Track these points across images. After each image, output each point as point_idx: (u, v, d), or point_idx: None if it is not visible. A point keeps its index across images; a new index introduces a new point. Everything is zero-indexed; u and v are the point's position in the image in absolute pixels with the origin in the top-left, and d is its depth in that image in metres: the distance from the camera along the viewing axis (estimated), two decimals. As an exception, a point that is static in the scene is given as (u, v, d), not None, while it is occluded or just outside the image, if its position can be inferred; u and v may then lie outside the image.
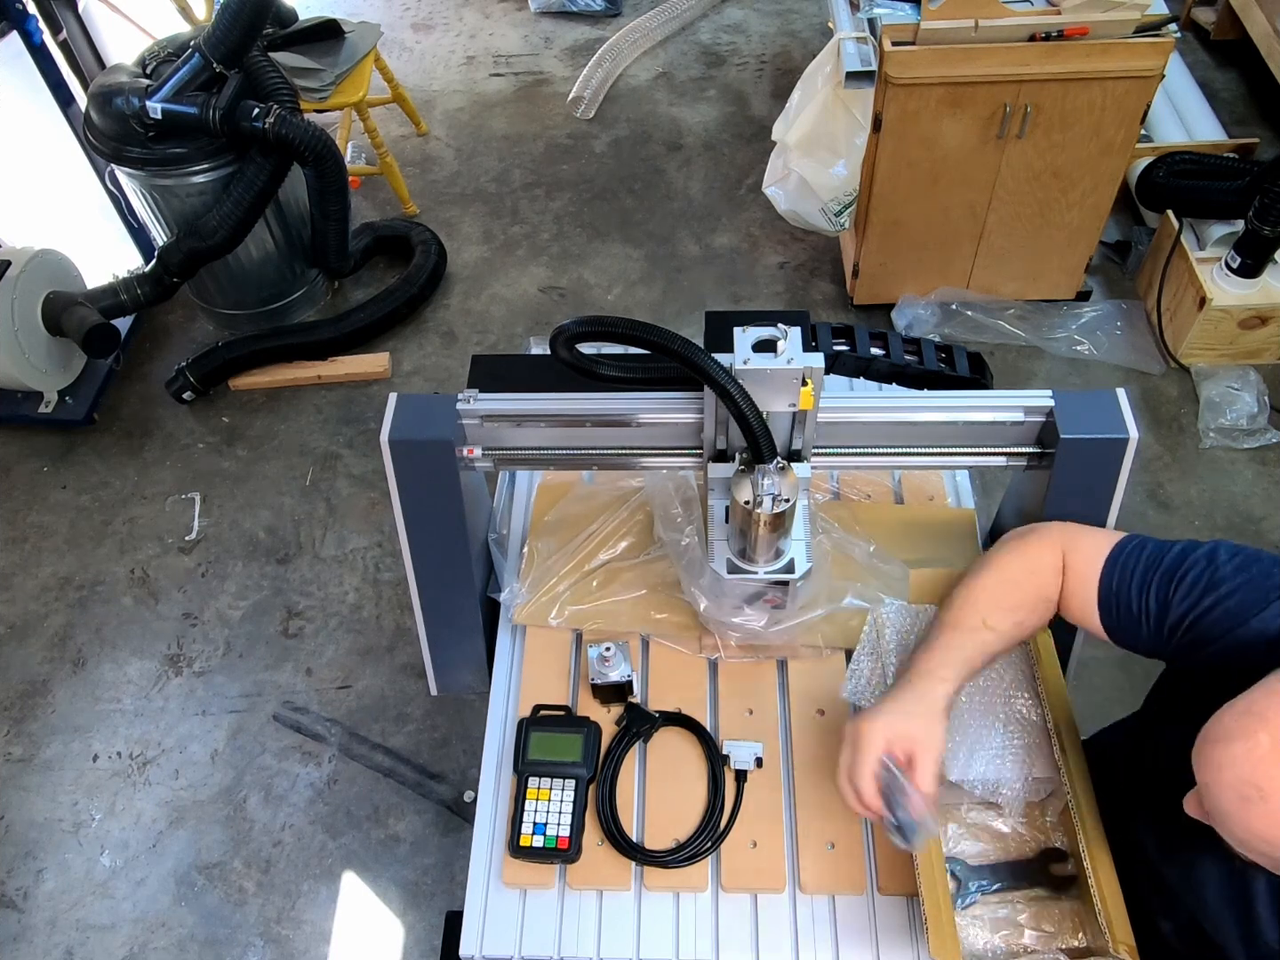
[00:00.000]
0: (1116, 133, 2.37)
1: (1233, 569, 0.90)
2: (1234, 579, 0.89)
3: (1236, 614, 0.87)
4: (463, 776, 2.11)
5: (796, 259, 3.08)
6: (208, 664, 2.32)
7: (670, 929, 1.10)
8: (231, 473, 2.67)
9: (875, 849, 1.13)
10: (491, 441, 1.21)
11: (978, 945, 1.05)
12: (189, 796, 2.13)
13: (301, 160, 2.53)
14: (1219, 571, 0.90)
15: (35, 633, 2.39)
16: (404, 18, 4.09)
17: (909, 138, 2.41)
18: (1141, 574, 0.95)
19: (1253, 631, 0.85)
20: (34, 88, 2.56)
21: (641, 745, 1.22)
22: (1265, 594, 0.86)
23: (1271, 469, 2.50)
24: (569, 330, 1.03)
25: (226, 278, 2.82)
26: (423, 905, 1.98)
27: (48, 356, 2.63)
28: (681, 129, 3.53)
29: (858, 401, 1.19)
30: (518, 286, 3.07)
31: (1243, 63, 3.49)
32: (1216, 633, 0.88)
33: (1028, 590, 1.04)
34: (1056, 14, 2.19)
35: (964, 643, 1.02)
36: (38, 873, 2.05)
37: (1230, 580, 0.89)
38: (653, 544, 1.32)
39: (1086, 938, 1.05)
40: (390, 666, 2.29)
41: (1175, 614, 0.91)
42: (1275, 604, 0.85)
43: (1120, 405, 1.11)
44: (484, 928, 1.11)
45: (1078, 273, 2.77)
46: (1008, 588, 1.05)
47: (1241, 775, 0.70)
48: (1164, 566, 0.94)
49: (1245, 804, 0.70)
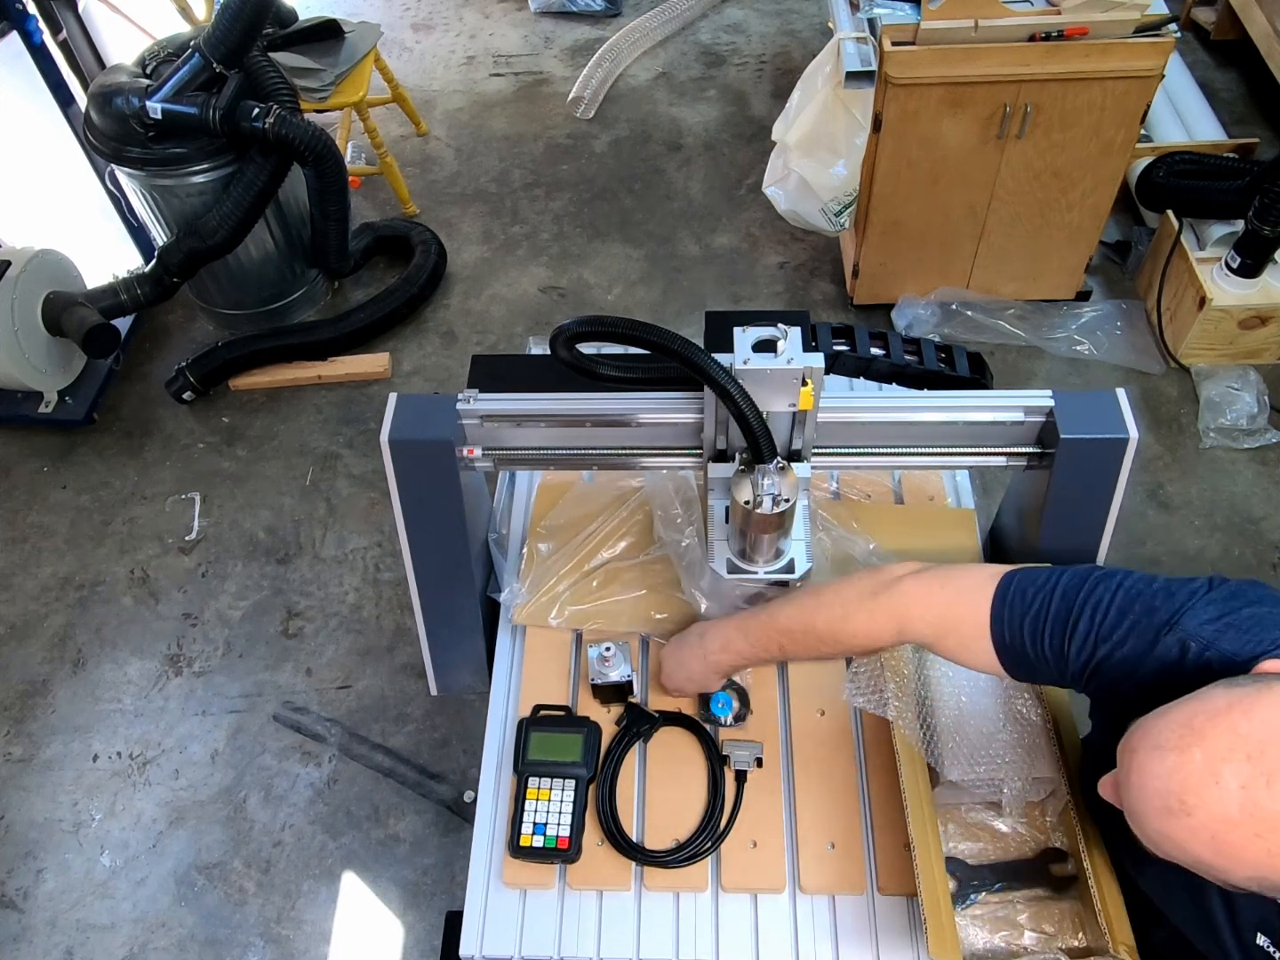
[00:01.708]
0: (1116, 133, 2.37)
1: (1116, 614, 0.87)
2: (1119, 626, 0.86)
3: (1132, 659, 0.85)
4: (463, 776, 2.11)
5: (796, 259, 3.08)
6: (208, 664, 2.32)
7: (670, 929, 1.10)
8: (231, 473, 2.67)
9: (875, 849, 1.13)
10: (491, 441, 1.21)
11: (978, 945, 1.05)
12: (189, 796, 2.13)
13: (301, 160, 2.53)
14: (1105, 619, 0.87)
15: (35, 633, 2.39)
16: (404, 18, 4.09)
17: (909, 138, 2.41)
18: (1031, 624, 0.91)
19: (1153, 672, 0.84)
20: (34, 88, 2.56)
21: (641, 745, 1.22)
22: (1153, 634, 0.84)
23: (1271, 469, 2.50)
24: (569, 330, 1.03)
25: (226, 278, 2.82)
26: (423, 905, 1.98)
27: (48, 356, 2.63)
28: (681, 129, 3.53)
29: (858, 401, 1.19)
30: (518, 286, 3.07)
31: (1243, 63, 3.49)
32: (1121, 674, 0.87)
33: (835, 650, 1.05)
34: (1056, 14, 2.19)
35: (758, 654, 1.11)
36: (38, 873, 2.05)
37: (1116, 628, 0.86)
38: (653, 544, 1.32)
39: (1087, 938, 1.05)
40: (390, 666, 2.29)
41: (1075, 665, 0.89)
42: (1162, 641, 0.84)
43: (1120, 405, 1.11)
44: (484, 928, 1.11)
45: (1078, 273, 2.77)
46: (818, 642, 1.05)
47: (1170, 787, 0.70)
48: (1052, 615, 0.90)
49: (1168, 814, 0.70)
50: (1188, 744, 0.70)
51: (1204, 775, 0.68)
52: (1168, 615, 0.84)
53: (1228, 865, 0.69)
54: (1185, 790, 0.69)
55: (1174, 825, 0.70)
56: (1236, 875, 0.69)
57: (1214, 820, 0.68)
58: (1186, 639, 0.82)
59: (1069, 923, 1.06)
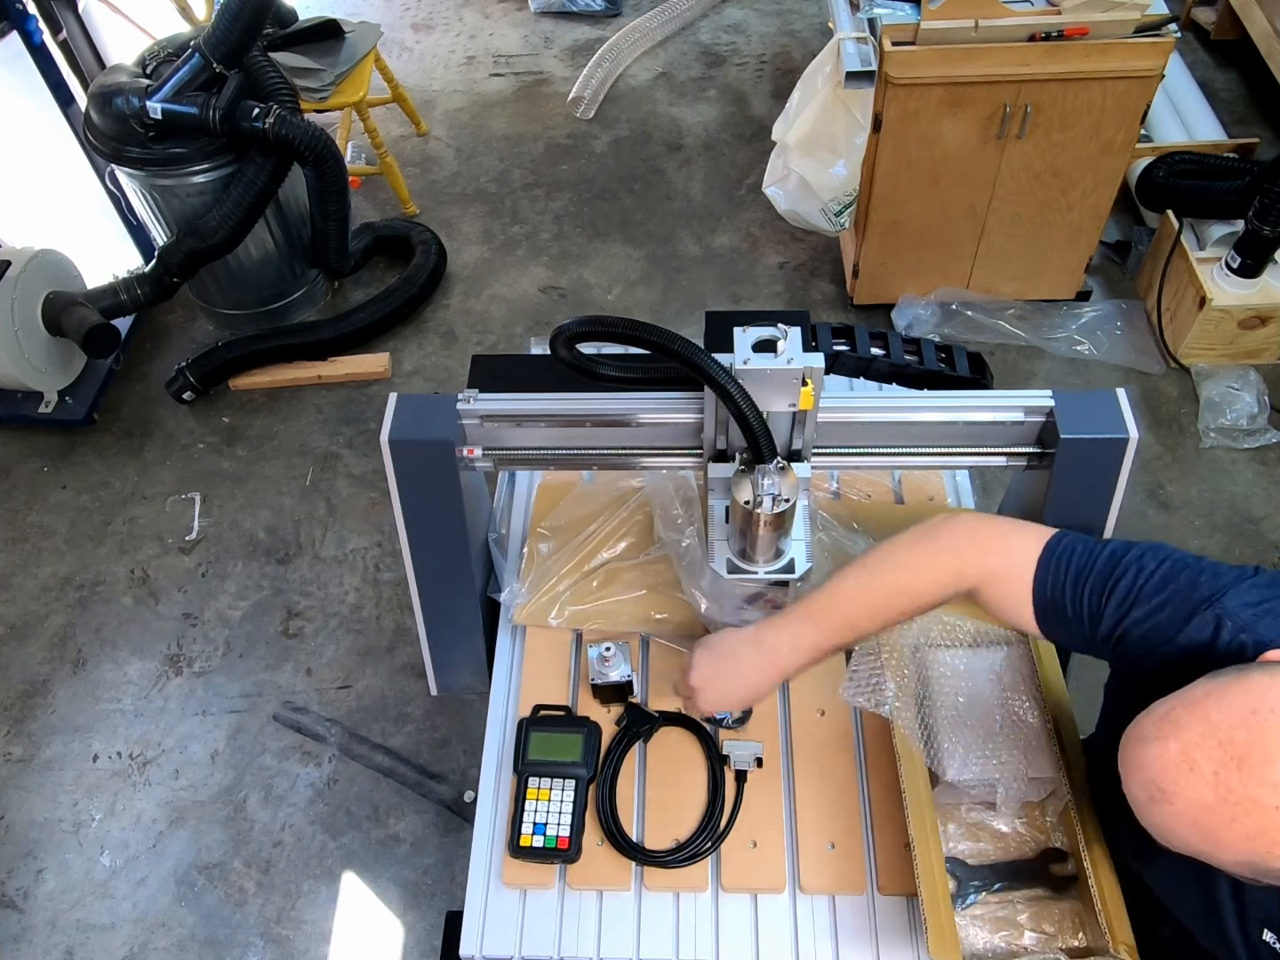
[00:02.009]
0: (1116, 133, 2.37)
1: (1159, 580, 0.88)
2: (1160, 592, 0.87)
3: (1165, 627, 0.86)
4: (463, 776, 2.11)
5: (796, 259, 3.08)
6: (208, 664, 2.32)
7: (670, 929, 1.10)
8: (231, 473, 2.67)
9: (875, 849, 1.13)
10: (491, 441, 1.21)
11: (978, 945, 1.05)
12: (189, 796, 2.13)
13: (301, 160, 2.53)
14: (1147, 583, 0.89)
15: (35, 633, 2.39)
16: (404, 18, 4.09)
17: (909, 138, 2.41)
18: (1074, 579, 0.93)
19: (1181, 648, 0.85)
20: (34, 88, 2.56)
21: (641, 745, 1.22)
22: (1191, 608, 0.85)
23: (1271, 469, 2.50)
24: (569, 330, 1.03)
25: (226, 278, 2.82)
26: (423, 905, 1.98)
27: (48, 356, 2.63)
28: (681, 129, 3.53)
29: (858, 401, 1.19)
30: (518, 286, 3.07)
31: (1243, 63, 3.49)
32: (1147, 647, 0.87)
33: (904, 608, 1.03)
34: (1056, 14, 2.19)
35: (831, 640, 1.04)
36: (38, 873, 2.05)
37: (1157, 593, 0.88)
38: (653, 544, 1.32)
39: (1087, 938, 1.05)
40: (390, 666, 2.29)
41: (1108, 624, 0.90)
42: (1199, 616, 0.84)
43: (1120, 405, 1.11)
44: (484, 928, 1.11)
45: (1078, 273, 2.77)
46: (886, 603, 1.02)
47: (1151, 776, 0.73)
48: (1096, 572, 0.92)
49: (1152, 803, 0.73)
50: (1165, 734, 0.73)
51: (1179, 763, 0.71)
52: (1209, 592, 0.85)
53: (1213, 850, 0.71)
54: (1164, 778, 0.72)
55: (1160, 813, 0.73)
56: (1225, 860, 0.71)
57: (1193, 806, 0.70)
58: (1224, 617, 0.83)
59: (1069, 923, 1.06)
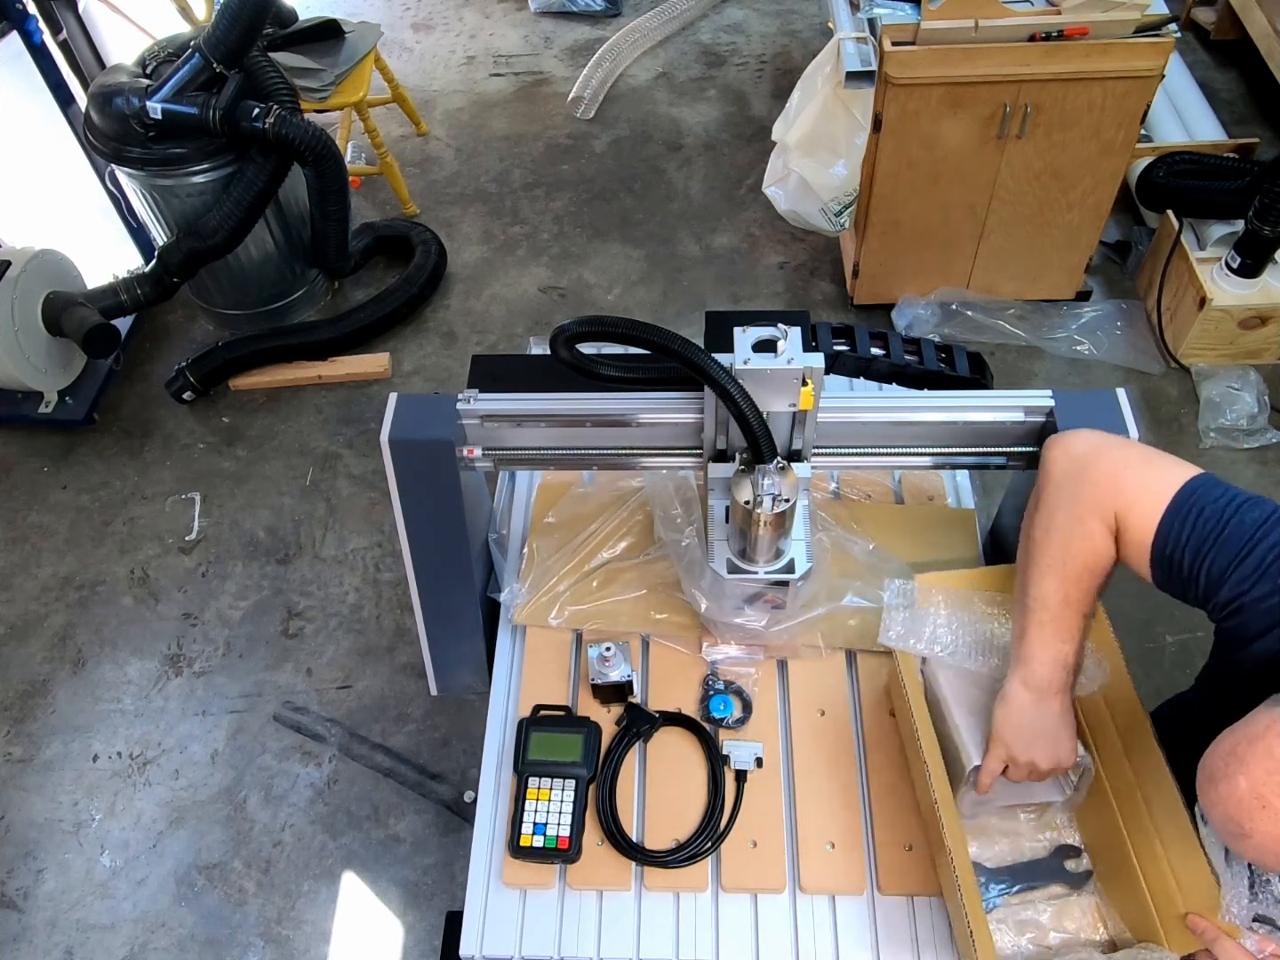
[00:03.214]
0: (1116, 133, 2.37)
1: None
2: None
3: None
4: (463, 776, 2.11)
5: (796, 259, 3.08)
6: (208, 664, 2.32)
7: (670, 929, 1.10)
8: (231, 473, 2.67)
9: (875, 849, 1.13)
10: (491, 441, 1.21)
11: (1006, 949, 1.05)
12: (189, 796, 2.13)
13: (301, 160, 2.53)
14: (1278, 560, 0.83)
15: (35, 633, 2.39)
16: (404, 18, 4.09)
17: (909, 138, 2.41)
18: (1199, 539, 0.87)
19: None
20: (34, 88, 2.56)
21: (641, 745, 1.22)
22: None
23: (1271, 469, 2.50)
24: (569, 330, 1.03)
25: (226, 278, 2.82)
26: (423, 905, 1.98)
27: (48, 356, 2.63)
28: (681, 129, 3.53)
29: (858, 401, 1.19)
30: (518, 286, 3.07)
31: (1243, 63, 3.48)
32: (1260, 627, 0.84)
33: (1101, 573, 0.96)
34: (1056, 14, 2.19)
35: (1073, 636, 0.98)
36: (38, 873, 2.05)
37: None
38: (653, 544, 1.32)
39: (1108, 931, 1.05)
40: (390, 666, 2.29)
41: (1227, 594, 0.86)
42: None
43: (1120, 405, 1.11)
44: (484, 928, 1.11)
45: (1078, 273, 2.77)
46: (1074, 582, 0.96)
47: (1227, 813, 0.73)
48: (1224, 538, 0.86)
49: (1234, 838, 0.74)
50: (1233, 772, 0.73)
51: (1251, 801, 0.71)
52: None
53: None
54: (1240, 816, 0.72)
55: (1243, 846, 0.74)
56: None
57: (1271, 840, 0.71)
58: None
59: (1088, 918, 1.07)
